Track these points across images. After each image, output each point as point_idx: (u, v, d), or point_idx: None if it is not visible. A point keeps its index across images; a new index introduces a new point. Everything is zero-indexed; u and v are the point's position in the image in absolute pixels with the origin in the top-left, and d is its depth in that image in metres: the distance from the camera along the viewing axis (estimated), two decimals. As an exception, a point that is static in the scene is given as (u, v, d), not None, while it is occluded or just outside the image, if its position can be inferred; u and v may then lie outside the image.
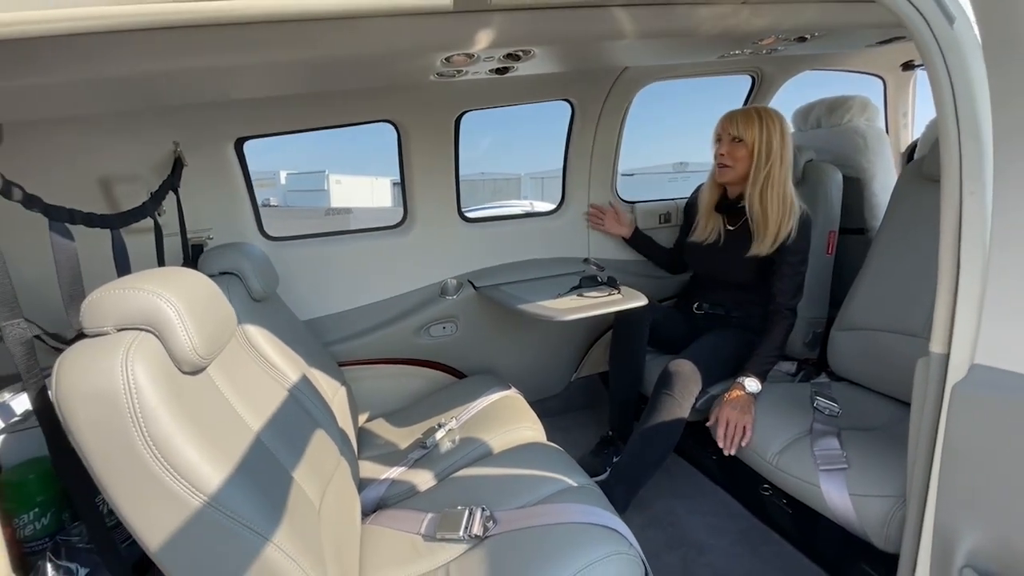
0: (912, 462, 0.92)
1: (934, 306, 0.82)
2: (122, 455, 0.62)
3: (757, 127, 1.54)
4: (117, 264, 0.94)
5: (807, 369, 1.76)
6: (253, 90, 1.23)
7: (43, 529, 0.87)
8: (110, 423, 0.61)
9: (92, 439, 0.61)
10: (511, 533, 1.01)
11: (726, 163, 1.59)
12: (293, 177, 25.19)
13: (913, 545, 0.92)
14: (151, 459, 0.62)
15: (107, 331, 0.67)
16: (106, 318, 0.67)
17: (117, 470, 0.62)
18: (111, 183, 1.35)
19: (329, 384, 1.41)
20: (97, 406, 0.61)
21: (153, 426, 0.63)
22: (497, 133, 75.24)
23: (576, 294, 1.59)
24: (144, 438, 0.62)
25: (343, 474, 1.10)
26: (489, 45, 1.00)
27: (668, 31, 1.11)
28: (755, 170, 1.57)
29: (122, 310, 0.67)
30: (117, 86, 0.99)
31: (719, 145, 1.61)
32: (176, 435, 0.64)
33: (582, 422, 2.16)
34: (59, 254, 0.77)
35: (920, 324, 1.37)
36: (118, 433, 0.61)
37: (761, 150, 1.55)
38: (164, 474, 0.63)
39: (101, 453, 0.62)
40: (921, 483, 0.89)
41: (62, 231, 0.78)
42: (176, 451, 0.64)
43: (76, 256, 0.80)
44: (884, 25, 1.37)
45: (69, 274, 0.78)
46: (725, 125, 1.59)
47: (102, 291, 0.68)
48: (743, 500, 1.60)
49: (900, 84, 2.25)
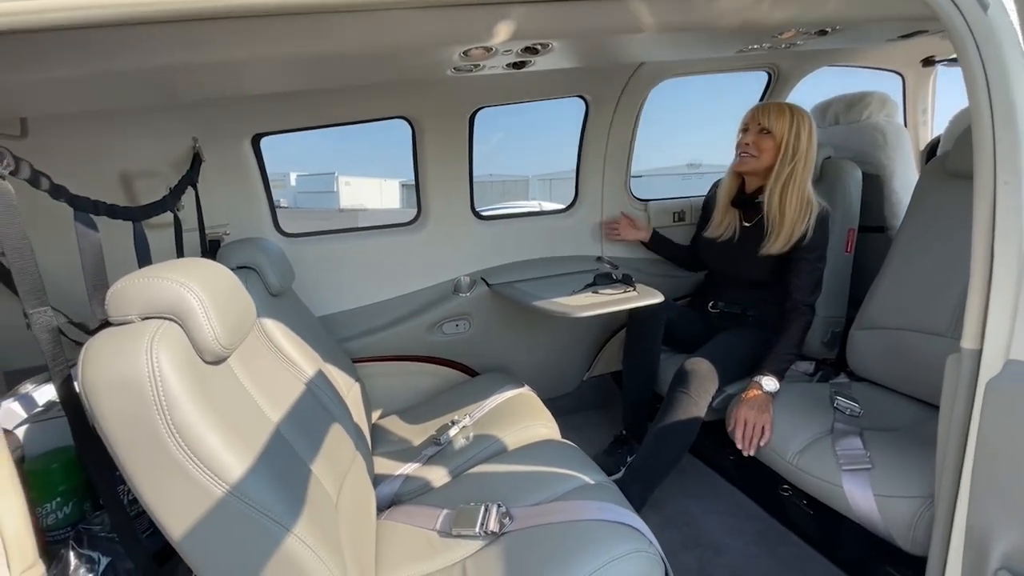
0: (941, 461, 0.89)
1: (964, 302, 0.80)
2: (147, 443, 0.62)
3: (787, 122, 1.52)
4: (139, 255, 0.95)
5: (825, 369, 1.73)
6: (269, 85, 1.24)
7: (65, 518, 0.88)
8: (135, 411, 0.61)
9: (117, 427, 0.61)
10: (528, 530, 1.00)
11: (751, 152, 1.57)
12: (303, 179, 25.42)
13: (943, 547, 0.89)
14: (175, 447, 0.62)
15: (132, 319, 0.67)
16: (131, 306, 0.67)
17: (141, 458, 0.62)
18: (131, 178, 1.36)
19: (344, 380, 1.41)
20: (122, 394, 0.61)
21: (177, 414, 0.63)
22: (506, 133, 75.47)
23: (591, 291, 1.58)
24: (168, 426, 0.62)
25: (359, 469, 1.10)
26: (508, 38, 0.99)
27: (688, 24, 1.10)
28: (779, 166, 1.55)
29: (147, 299, 0.68)
30: (135, 81, 1.00)
31: (744, 134, 1.59)
32: (199, 423, 0.64)
33: (595, 421, 2.14)
34: (83, 243, 0.78)
35: (945, 323, 1.34)
36: (143, 421, 0.61)
37: (788, 146, 1.53)
38: (187, 462, 0.63)
39: (126, 441, 0.62)
40: (951, 483, 0.87)
41: (87, 221, 0.79)
42: (199, 439, 0.64)
43: (100, 246, 0.80)
44: (908, 18, 1.34)
45: (93, 264, 0.79)
46: (755, 114, 1.57)
47: (127, 280, 0.68)
48: (760, 500, 1.57)
49: (920, 80, 2.21)
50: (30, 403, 0.95)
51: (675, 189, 2.18)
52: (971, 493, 0.81)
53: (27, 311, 0.67)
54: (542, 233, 1.96)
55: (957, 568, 0.86)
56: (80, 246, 0.78)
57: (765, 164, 1.57)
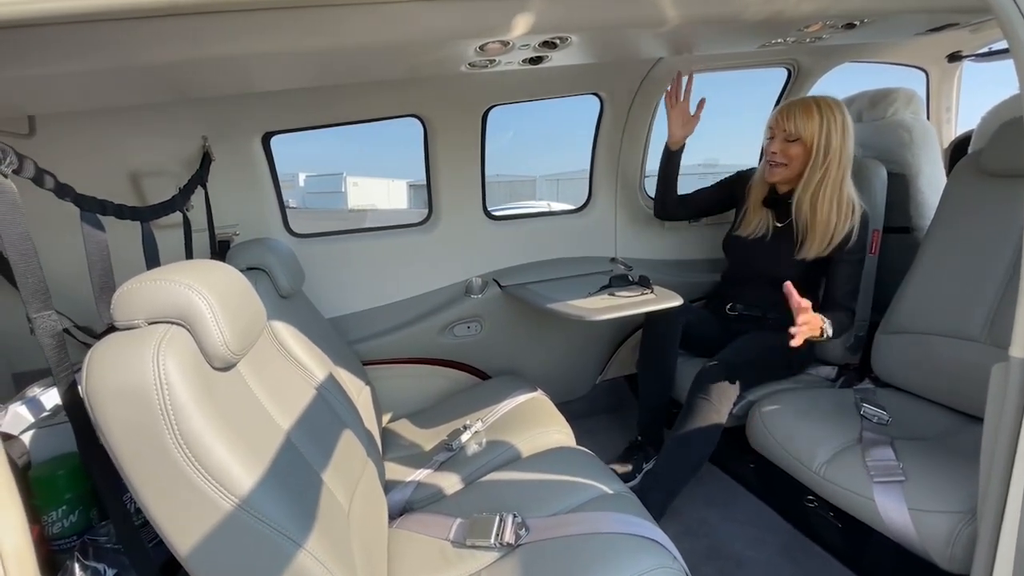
0: (986, 475, 0.84)
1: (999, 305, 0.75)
2: (152, 453, 0.59)
3: (817, 122, 1.43)
4: (147, 257, 0.93)
5: (848, 374, 1.68)
6: (279, 82, 1.21)
7: (71, 527, 0.85)
8: (141, 419, 0.58)
9: (122, 436, 0.59)
10: (545, 542, 0.96)
11: (779, 161, 1.50)
12: (312, 179, 25.58)
13: (987, 566, 0.84)
14: (181, 458, 0.59)
15: (138, 324, 0.65)
16: (137, 311, 0.65)
17: (147, 469, 0.59)
18: (140, 177, 1.34)
19: (354, 383, 1.38)
20: (128, 401, 0.58)
21: (184, 423, 0.60)
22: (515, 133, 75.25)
23: (607, 293, 1.54)
24: (175, 436, 0.59)
25: (370, 476, 1.07)
26: (526, 31, 0.96)
27: (713, 16, 1.06)
28: (810, 171, 1.46)
29: (154, 302, 0.65)
30: (142, 77, 0.98)
31: (771, 142, 1.51)
32: (207, 433, 0.61)
33: (608, 426, 2.10)
34: (90, 245, 0.75)
35: (978, 327, 1.28)
36: (148, 430, 0.58)
37: (820, 148, 1.43)
38: (195, 474, 0.60)
39: (131, 451, 0.59)
40: (997, 498, 0.82)
41: (93, 221, 0.76)
42: (207, 450, 0.61)
43: (107, 247, 0.78)
44: (939, 9, 1.28)
45: (100, 266, 0.77)
46: (781, 120, 1.48)
47: (133, 283, 0.66)
48: (783, 511, 1.52)
49: (945, 76, 2.14)
50: (37, 407, 0.93)
51: (693, 189, 2.12)
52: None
53: (30, 315, 0.64)
54: (555, 233, 1.92)
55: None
56: (86, 247, 0.76)
57: (796, 171, 1.49)
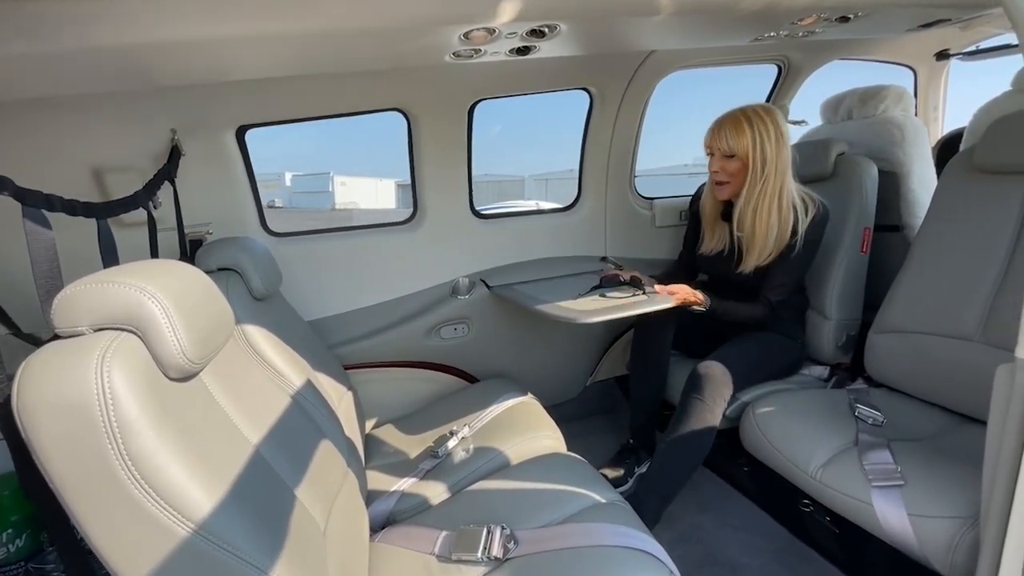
0: (990, 479, 0.82)
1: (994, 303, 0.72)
2: (94, 476, 0.53)
3: (749, 136, 1.38)
4: (104, 257, 0.86)
5: (840, 374, 1.65)
6: (253, 70, 1.14)
7: (18, 552, 0.78)
8: (81, 439, 0.52)
9: (58, 457, 0.52)
10: (535, 556, 0.91)
11: (721, 179, 1.46)
12: (298, 179, 25.27)
13: (991, 573, 0.81)
14: (129, 481, 0.53)
15: (82, 331, 0.58)
16: (81, 316, 0.58)
17: (88, 494, 0.53)
18: (103, 173, 1.26)
19: (335, 389, 1.32)
20: (65, 418, 0.52)
21: (132, 442, 0.53)
22: (501, 132, 75.01)
23: (598, 294, 1.49)
24: (121, 456, 0.53)
25: (350, 488, 1.01)
26: (513, 18, 0.91)
27: (706, 6, 1.02)
28: (749, 186, 1.42)
29: (100, 307, 0.58)
30: (106, 61, 0.91)
31: (711, 160, 1.47)
32: (159, 452, 0.55)
33: (599, 428, 2.06)
34: (34, 243, 0.68)
35: (973, 326, 1.26)
36: (90, 450, 0.52)
37: (756, 162, 1.39)
38: (145, 498, 0.54)
39: (69, 474, 0.52)
40: (1002, 503, 0.79)
41: (38, 218, 0.69)
42: (159, 471, 0.55)
43: (54, 247, 0.71)
44: (933, 4, 1.27)
45: (46, 267, 0.70)
46: (713, 139, 1.43)
47: (77, 285, 0.59)
48: (778, 516, 1.49)
49: (932, 75, 2.15)
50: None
51: (681, 188, 2.09)
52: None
53: (-42, 321, 0.57)
54: (544, 232, 1.88)
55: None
56: (30, 247, 0.69)
57: (741, 185, 1.45)
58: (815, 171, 1.72)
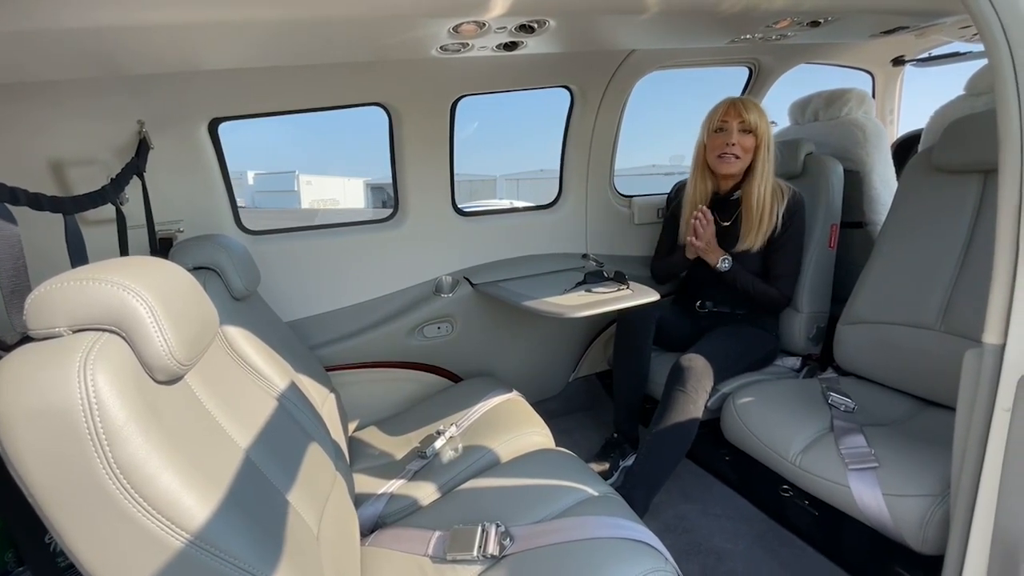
0: (960, 458, 0.87)
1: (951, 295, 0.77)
2: (79, 488, 0.49)
3: (764, 117, 1.53)
4: (72, 255, 0.80)
5: (811, 365, 1.73)
6: (228, 59, 1.09)
7: (-20, 574, 0.72)
8: (63, 448, 0.48)
9: (38, 468, 0.48)
10: (531, 552, 0.91)
11: (735, 153, 1.53)
12: (261, 178, 24.38)
13: (960, 547, 0.87)
14: (118, 491, 0.50)
15: (60, 332, 0.54)
16: (58, 316, 0.54)
17: (73, 507, 0.49)
18: (63, 167, 1.18)
19: (318, 391, 1.28)
20: (46, 426, 0.48)
21: (121, 450, 0.50)
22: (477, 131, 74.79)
23: (583, 290, 1.51)
24: (108, 466, 0.49)
25: (340, 491, 0.98)
26: (505, 12, 0.90)
27: (690, 6, 1.04)
28: (763, 163, 1.53)
29: (80, 306, 0.54)
30: (67, 46, 0.85)
31: (722, 135, 1.54)
32: (150, 460, 0.52)
33: (583, 424, 2.08)
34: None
35: (932, 316, 1.34)
36: (74, 460, 0.48)
37: (768, 141, 1.53)
38: (136, 510, 0.50)
39: (51, 486, 0.49)
40: (971, 481, 0.84)
41: (1, 212, 0.64)
42: (151, 480, 0.51)
43: (20, 242, 0.66)
44: (896, 11, 1.34)
45: (11, 264, 0.65)
46: (733, 112, 1.52)
47: (53, 283, 0.55)
48: (758, 502, 1.54)
49: (889, 79, 2.27)
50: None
51: (656, 187, 2.14)
52: (1001, 493, 0.78)
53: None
54: (526, 230, 1.88)
55: (977, 568, 0.84)
56: (-8, 243, 0.63)
57: (747, 164, 1.55)
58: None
